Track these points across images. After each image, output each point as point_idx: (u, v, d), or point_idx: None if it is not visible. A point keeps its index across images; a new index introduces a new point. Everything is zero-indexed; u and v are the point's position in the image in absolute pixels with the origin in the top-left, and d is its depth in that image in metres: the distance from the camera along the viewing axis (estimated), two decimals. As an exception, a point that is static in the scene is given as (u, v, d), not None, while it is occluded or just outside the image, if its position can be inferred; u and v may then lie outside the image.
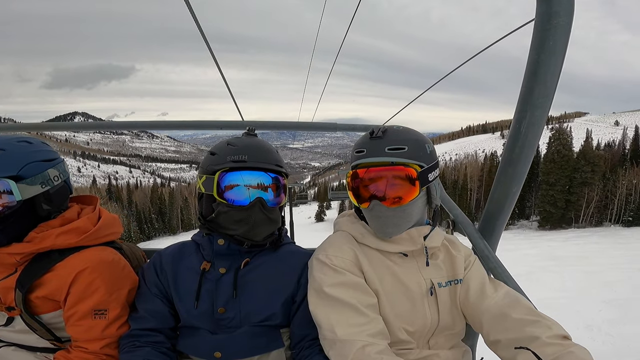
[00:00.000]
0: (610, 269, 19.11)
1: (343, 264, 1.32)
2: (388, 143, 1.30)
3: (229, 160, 1.35)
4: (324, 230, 65.78)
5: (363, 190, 1.34)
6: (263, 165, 1.37)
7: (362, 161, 1.32)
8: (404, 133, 1.35)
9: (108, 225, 1.43)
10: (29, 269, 1.27)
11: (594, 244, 31.88)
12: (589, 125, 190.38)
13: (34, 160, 1.28)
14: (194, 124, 2.64)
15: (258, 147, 1.40)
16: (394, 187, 1.30)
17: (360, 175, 1.33)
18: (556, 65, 1.18)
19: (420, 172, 1.29)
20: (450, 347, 1.42)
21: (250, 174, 1.36)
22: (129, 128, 2.52)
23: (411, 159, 1.30)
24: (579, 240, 36.09)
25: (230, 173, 1.35)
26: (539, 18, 1.12)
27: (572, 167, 53.34)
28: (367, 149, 1.33)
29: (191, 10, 1.91)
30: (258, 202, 1.35)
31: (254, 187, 1.37)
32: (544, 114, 1.29)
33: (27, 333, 1.31)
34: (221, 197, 1.35)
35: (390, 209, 1.30)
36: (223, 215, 1.36)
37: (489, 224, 1.67)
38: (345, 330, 1.20)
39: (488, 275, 1.51)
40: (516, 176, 1.47)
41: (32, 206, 1.28)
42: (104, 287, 1.29)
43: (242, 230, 1.36)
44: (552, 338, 1.11)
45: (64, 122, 2.78)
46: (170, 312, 1.38)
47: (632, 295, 13.74)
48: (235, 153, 1.36)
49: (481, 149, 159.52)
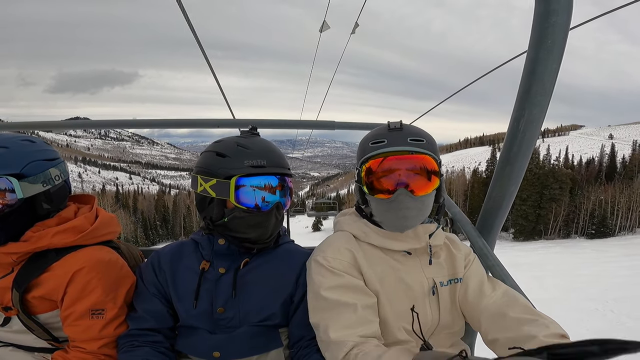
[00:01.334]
0: (555, 275, 22.60)
1: (341, 266, 1.32)
2: (409, 134, 1.31)
3: (246, 165, 1.32)
4: (320, 240, 70.35)
5: (385, 180, 1.32)
6: (279, 170, 1.37)
7: (384, 150, 1.30)
8: (418, 128, 1.38)
9: (105, 224, 1.43)
10: (26, 268, 1.27)
11: (555, 254, 36.66)
12: (584, 138, 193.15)
13: (36, 159, 1.28)
14: (189, 122, 2.66)
15: (273, 151, 1.39)
16: (418, 176, 1.30)
17: (381, 165, 1.31)
18: (554, 64, 1.18)
19: (439, 163, 1.33)
20: (449, 345, 1.43)
21: (268, 179, 1.36)
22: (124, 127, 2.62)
23: (429, 151, 1.31)
24: (543, 251, 41.92)
25: (249, 178, 1.33)
26: (537, 16, 1.12)
27: (542, 184, 61.21)
28: (387, 139, 1.31)
29: (185, 15, 2.00)
30: (275, 207, 1.36)
31: (272, 192, 1.36)
32: (542, 113, 1.29)
33: (25, 333, 1.31)
34: (238, 202, 1.33)
35: (413, 198, 1.29)
36: (238, 220, 1.35)
37: (487, 223, 1.68)
38: (338, 332, 1.20)
39: (487, 274, 1.51)
40: (514, 175, 1.48)
41: (32, 205, 1.28)
42: (101, 286, 1.29)
43: (255, 234, 1.36)
44: (549, 337, 1.11)
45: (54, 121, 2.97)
46: (169, 311, 1.37)
47: (559, 296, 16.89)
48: (252, 157, 1.33)
49: (477, 162, 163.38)
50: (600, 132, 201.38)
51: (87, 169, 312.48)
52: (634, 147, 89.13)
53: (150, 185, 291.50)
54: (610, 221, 59.77)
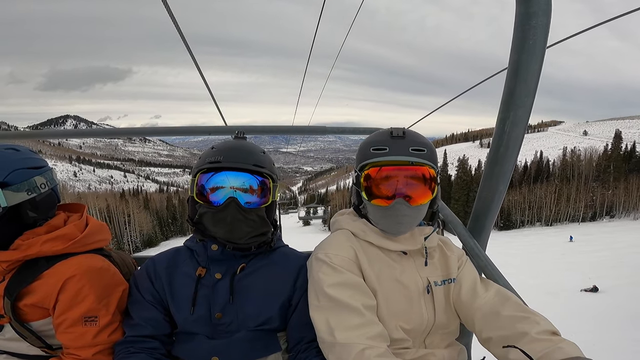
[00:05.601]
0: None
1: (343, 263, 1.32)
2: (411, 143, 1.32)
3: (206, 162, 1.36)
4: (310, 232, 77.91)
5: (384, 187, 1.34)
6: (238, 165, 1.36)
7: (386, 159, 1.32)
8: (420, 136, 1.38)
9: (95, 232, 1.43)
10: (17, 276, 1.27)
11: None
12: (560, 134, 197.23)
13: (20, 167, 1.28)
14: (183, 130, 2.64)
15: (236, 149, 1.40)
16: (417, 187, 1.32)
17: (382, 173, 1.33)
18: (536, 65, 1.20)
19: (437, 172, 1.35)
20: (445, 345, 1.44)
21: (224, 175, 1.36)
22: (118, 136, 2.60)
23: (429, 161, 1.32)
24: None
25: (206, 174, 1.37)
26: (518, 18, 1.14)
27: (468, 188, 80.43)
28: (389, 147, 1.32)
29: (170, 13, 2.02)
30: (232, 202, 1.34)
31: (229, 188, 1.36)
32: (527, 113, 1.32)
33: (18, 341, 1.30)
34: (199, 198, 1.37)
35: (411, 207, 1.31)
36: (204, 216, 1.38)
37: (477, 223, 1.69)
38: (345, 334, 1.20)
39: (479, 274, 1.54)
40: (502, 175, 1.51)
41: (18, 213, 1.28)
42: (93, 293, 1.29)
43: (222, 232, 1.37)
44: (541, 334, 1.13)
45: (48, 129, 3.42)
46: (165, 318, 1.37)
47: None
48: (213, 155, 1.37)
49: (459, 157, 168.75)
50: (577, 129, 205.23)
51: (82, 168, 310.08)
52: (564, 152, 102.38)
53: (145, 182, 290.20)
54: (514, 217, 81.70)
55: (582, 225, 75.09)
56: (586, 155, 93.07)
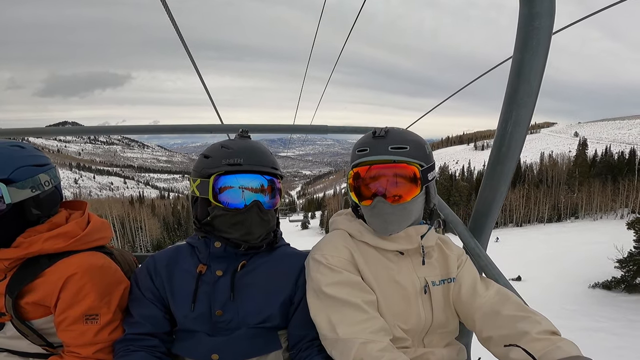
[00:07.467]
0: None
1: (339, 263, 1.33)
2: (391, 142, 1.33)
3: (224, 164, 1.35)
4: (308, 236, 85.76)
5: (365, 188, 1.35)
6: (259, 168, 1.37)
7: (365, 159, 1.34)
8: (405, 134, 1.38)
9: (97, 229, 1.43)
10: (18, 274, 1.26)
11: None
12: (553, 136, 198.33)
13: (25, 164, 1.28)
14: (181, 128, 2.65)
15: (253, 150, 1.41)
16: (396, 185, 1.32)
17: (363, 173, 1.35)
18: (539, 65, 1.21)
19: (421, 171, 1.33)
20: (444, 345, 1.45)
21: (246, 177, 1.36)
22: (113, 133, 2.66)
23: (413, 158, 1.33)
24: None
25: (226, 176, 1.35)
26: (521, 19, 1.15)
27: (448, 192, 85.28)
28: (370, 147, 1.35)
29: (171, 16, 2.03)
30: (255, 205, 1.35)
31: (249, 190, 1.37)
32: (529, 113, 1.32)
33: (19, 339, 1.30)
34: (216, 201, 1.35)
35: (392, 206, 1.32)
36: (218, 218, 1.37)
37: (478, 223, 1.69)
38: (347, 329, 1.20)
39: (479, 273, 1.53)
40: (504, 175, 1.51)
41: (22, 210, 1.28)
42: (95, 291, 1.28)
43: (238, 234, 1.37)
44: (541, 333, 1.14)
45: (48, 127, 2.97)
46: (165, 316, 1.37)
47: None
48: (231, 156, 1.36)
49: (455, 160, 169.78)
50: (568, 130, 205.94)
51: (82, 175, 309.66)
52: (542, 157, 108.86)
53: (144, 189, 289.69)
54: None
55: (546, 225, 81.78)
56: (563, 160, 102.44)
